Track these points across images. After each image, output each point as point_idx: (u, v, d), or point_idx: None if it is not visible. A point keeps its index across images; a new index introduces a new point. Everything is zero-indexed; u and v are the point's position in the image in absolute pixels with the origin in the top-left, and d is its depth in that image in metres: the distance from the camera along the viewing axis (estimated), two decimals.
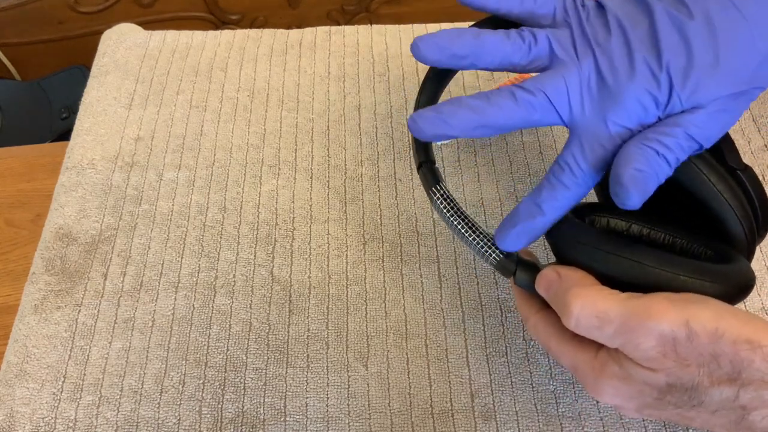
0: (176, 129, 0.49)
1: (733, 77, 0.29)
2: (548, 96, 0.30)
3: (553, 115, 0.30)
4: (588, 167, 0.30)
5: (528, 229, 0.31)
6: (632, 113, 0.29)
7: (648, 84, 0.29)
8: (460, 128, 0.30)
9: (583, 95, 0.30)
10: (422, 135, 0.31)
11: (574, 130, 0.30)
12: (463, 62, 0.31)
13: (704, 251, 0.31)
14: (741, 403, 0.26)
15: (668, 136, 0.29)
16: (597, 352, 0.29)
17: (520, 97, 0.30)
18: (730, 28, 0.28)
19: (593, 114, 0.30)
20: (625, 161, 0.28)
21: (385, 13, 1.17)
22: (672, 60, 0.29)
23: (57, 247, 0.44)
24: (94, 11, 1.09)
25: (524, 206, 0.31)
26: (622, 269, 0.28)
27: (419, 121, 0.31)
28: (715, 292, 0.28)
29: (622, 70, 0.29)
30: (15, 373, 0.39)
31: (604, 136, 0.29)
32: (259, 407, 0.37)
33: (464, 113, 0.30)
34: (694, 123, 0.29)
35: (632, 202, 0.28)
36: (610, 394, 0.29)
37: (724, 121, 0.29)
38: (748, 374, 0.26)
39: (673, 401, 0.27)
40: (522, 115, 0.30)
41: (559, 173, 0.30)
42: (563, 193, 0.30)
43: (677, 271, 0.28)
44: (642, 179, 0.28)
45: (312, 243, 0.43)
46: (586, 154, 0.30)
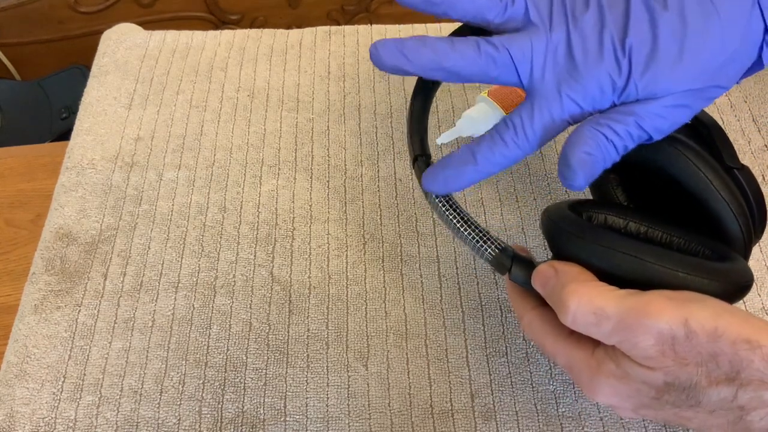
0: (176, 129, 0.49)
1: (695, 73, 0.29)
2: (511, 54, 0.30)
3: (513, 74, 0.30)
4: (531, 131, 0.30)
5: (458, 177, 0.31)
6: (589, 93, 0.29)
7: (611, 68, 0.29)
8: (419, 66, 0.30)
9: (546, 62, 0.30)
10: (381, 64, 0.31)
11: (530, 93, 0.31)
12: (436, 9, 0.31)
13: (701, 250, 0.31)
14: (739, 404, 0.26)
15: (619, 123, 0.29)
16: (593, 350, 0.29)
17: (484, 50, 0.30)
18: (701, 23, 0.29)
19: (551, 83, 0.30)
20: (575, 143, 0.29)
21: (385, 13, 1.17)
22: (635, 47, 0.29)
23: (57, 247, 0.44)
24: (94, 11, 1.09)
25: (460, 153, 0.32)
26: (620, 265, 0.28)
27: (381, 49, 0.31)
28: (714, 290, 0.27)
29: (591, 48, 0.29)
30: (15, 373, 0.39)
31: (555, 107, 0.30)
32: (259, 407, 0.37)
33: (425, 52, 0.30)
34: (647, 114, 0.29)
35: (578, 183, 0.29)
36: (607, 394, 0.28)
37: (678, 116, 0.30)
38: (747, 374, 0.25)
39: (670, 401, 0.27)
40: (481, 67, 0.30)
41: (503, 130, 0.31)
42: (501, 149, 0.31)
43: (676, 268, 0.28)
44: (590, 162, 0.29)
45: (312, 243, 0.43)
46: (534, 119, 0.30)
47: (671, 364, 0.26)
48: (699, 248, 0.31)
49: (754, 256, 0.42)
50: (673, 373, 0.26)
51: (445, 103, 0.50)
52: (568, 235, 0.30)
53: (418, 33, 0.55)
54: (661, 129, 0.30)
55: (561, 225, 0.31)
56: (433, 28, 0.56)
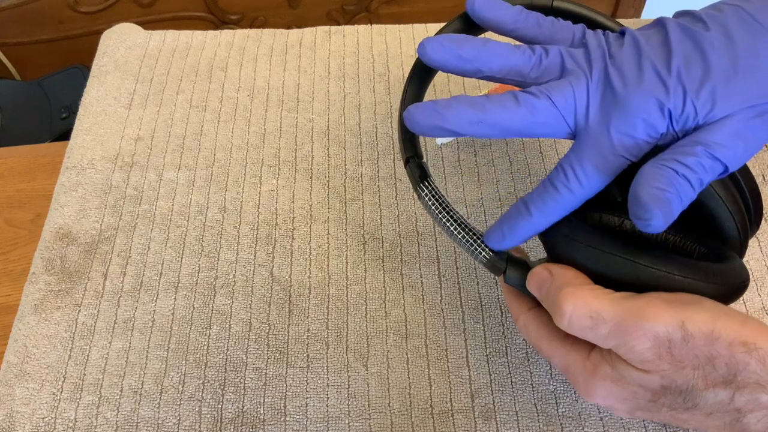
0: (176, 129, 0.49)
1: (755, 87, 0.27)
2: (553, 100, 0.29)
3: (558, 120, 0.29)
4: (582, 173, 0.29)
5: (514, 230, 0.30)
6: (637, 121, 0.28)
7: (655, 90, 0.28)
8: (456, 122, 0.29)
9: (589, 102, 0.29)
10: (417, 127, 0.30)
11: (578, 137, 0.29)
12: (469, 66, 0.30)
13: (697, 248, 0.31)
14: (736, 406, 0.26)
15: (687, 155, 0.27)
16: (589, 352, 0.29)
17: (522, 99, 0.29)
18: (749, 38, 0.27)
19: (597, 121, 0.29)
20: (643, 181, 0.26)
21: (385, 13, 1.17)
22: (684, 66, 0.27)
23: (57, 247, 0.43)
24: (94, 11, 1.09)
25: (515, 206, 0.30)
26: (615, 268, 0.28)
27: (414, 112, 0.30)
28: (710, 291, 0.27)
29: (630, 76, 0.28)
30: (15, 373, 0.39)
31: (605, 144, 0.28)
32: (259, 407, 0.37)
33: (462, 107, 0.29)
34: (716, 140, 0.27)
35: (656, 222, 0.25)
36: (603, 396, 0.28)
37: (749, 139, 0.27)
38: (744, 377, 0.25)
39: (667, 403, 0.27)
40: (522, 117, 0.29)
41: (554, 177, 0.29)
42: (553, 197, 0.29)
43: (672, 271, 0.27)
44: (665, 199, 0.26)
45: (312, 243, 0.43)
46: (584, 161, 0.28)
47: (668, 368, 0.26)
48: (695, 246, 0.31)
49: (754, 256, 0.42)
50: (669, 376, 0.26)
51: None
52: (563, 237, 0.30)
53: (418, 33, 0.55)
54: (735, 157, 0.27)
55: (556, 227, 0.30)
56: (433, 29, 0.56)
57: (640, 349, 0.26)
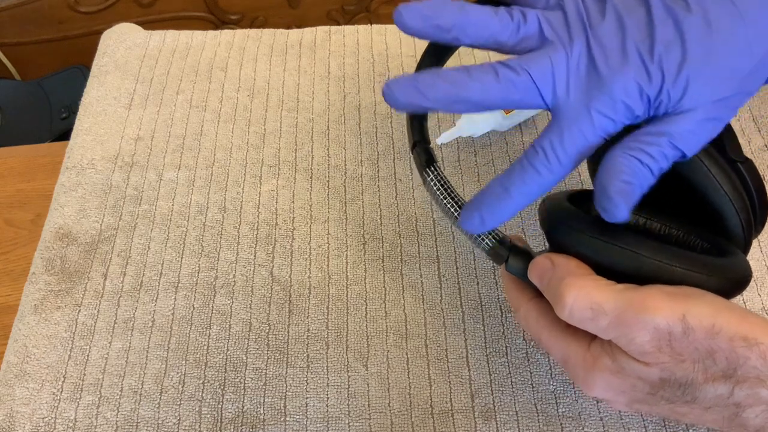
0: (176, 129, 0.49)
1: (725, 79, 0.28)
2: (532, 76, 0.28)
3: (536, 96, 0.29)
4: (564, 155, 0.28)
5: (494, 213, 0.30)
6: (618, 104, 0.28)
7: (638, 75, 0.28)
8: (437, 101, 0.29)
9: (569, 78, 0.28)
10: (396, 104, 0.29)
11: (556, 114, 0.29)
12: (446, 35, 0.29)
13: (701, 243, 0.31)
14: (735, 401, 0.26)
15: (653, 145, 0.28)
16: (589, 344, 0.29)
17: (503, 75, 0.28)
18: (727, 27, 0.27)
19: (577, 99, 0.28)
20: (611, 173, 0.27)
21: (385, 13, 1.17)
22: (665, 53, 0.27)
23: (57, 247, 0.43)
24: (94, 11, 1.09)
25: (491, 188, 0.30)
26: (617, 259, 0.28)
27: (394, 88, 0.29)
28: (711, 285, 0.27)
29: (614, 56, 0.28)
30: (15, 373, 0.39)
31: (585, 125, 0.28)
32: (259, 407, 0.37)
33: (442, 85, 0.28)
34: (680, 132, 0.28)
35: (621, 214, 0.27)
36: (602, 388, 0.28)
37: (709, 131, 0.28)
38: (744, 371, 0.25)
39: (665, 396, 0.27)
40: (502, 93, 0.28)
41: (533, 157, 0.29)
42: (533, 178, 0.29)
43: (674, 263, 0.27)
44: (629, 191, 0.27)
45: (312, 243, 0.43)
46: (564, 141, 0.28)
47: (667, 360, 0.26)
48: (698, 242, 0.31)
49: (754, 256, 0.42)
50: (669, 369, 0.26)
51: None
52: (566, 227, 0.30)
53: None
54: (695, 145, 0.28)
55: (559, 217, 0.30)
56: None
57: (640, 341, 0.26)
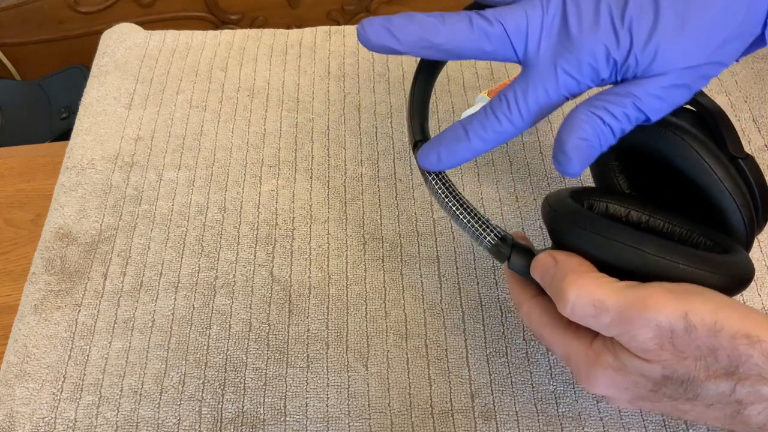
0: (176, 129, 0.49)
1: (697, 48, 0.28)
2: (506, 29, 0.29)
3: (508, 48, 0.29)
4: (525, 107, 0.29)
5: (451, 153, 0.30)
6: (584, 65, 0.28)
7: (607, 38, 0.28)
8: (408, 44, 0.29)
9: (542, 35, 0.29)
10: (368, 44, 0.30)
11: (525, 68, 0.30)
12: None
13: (703, 240, 0.31)
14: (737, 398, 0.26)
15: (616, 105, 0.28)
16: (592, 341, 0.29)
17: (477, 24, 0.29)
18: None
19: (546, 57, 0.29)
20: (570, 128, 0.28)
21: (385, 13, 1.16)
22: (636, 18, 0.28)
23: (57, 247, 0.44)
24: (94, 11, 1.09)
25: (452, 130, 0.31)
26: (620, 256, 0.28)
27: (368, 29, 0.29)
28: (714, 282, 0.27)
29: (587, 18, 0.28)
30: (15, 373, 0.39)
31: (550, 82, 0.29)
32: (259, 407, 0.37)
33: (414, 29, 0.29)
34: (646, 95, 0.28)
35: (573, 170, 0.28)
36: (604, 385, 0.28)
37: (677, 96, 0.29)
38: (746, 369, 0.25)
39: (668, 394, 0.27)
40: (475, 43, 0.29)
41: (496, 106, 0.30)
42: (493, 125, 0.30)
43: (676, 260, 0.27)
44: (586, 148, 0.28)
45: (312, 243, 0.43)
46: (528, 95, 0.29)
47: (670, 358, 0.26)
48: (700, 239, 0.31)
49: (754, 255, 0.42)
50: (671, 366, 0.26)
51: (445, 103, 0.50)
52: (569, 224, 0.30)
53: None
54: (660, 110, 0.29)
55: (561, 214, 0.30)
56: None
57: (642, 339, 0.26)
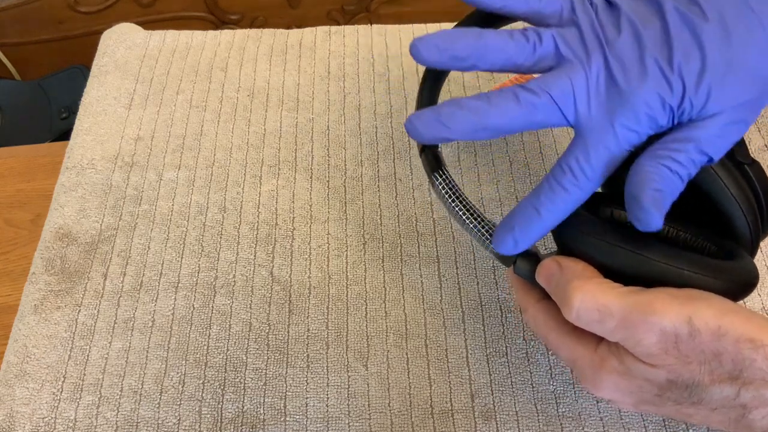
0: (176, 129, 0.49)
1: (746, 83, 0.28)
2: (553, 97, 0.28)
3: (558, 116, 0.29)
4: (591, 171, 0.29)
5: (525, 234, 0.30)
6: (641, 116, 0.28)
7: (659, 86, 0.28)
8: (460, 131, 0.29)
9: (590, 96, 0.29)
10: (420, 138, 0.30)
11: (579, 132, 0.29)
12: (463, 64, 0.30)
13: (708, 246, 0.31)
14: (741, 402, 0.26)
15: (680, 152, 0.28)
16: (597, 345, 0.29)
17: (523, 99, 0.29)
18: (745, 31, 0.27)
19: (600, 116, 0.29)
20: (641, 182, 0.27)
21: (385, 13, 1.17)
22: (684, 62, 0.28)
23: (57, 247, 0.44)
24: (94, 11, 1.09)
25: (522, 210, 0.30)
26: (624, 261, 0.28)
27: (417, 123, 0.29)
28: (718, 288, 0.27)
29: (633, 70, 0.28)
30: (15, 373, 0.39)
31: (610, 139, 0.28)
32: (259, 407, 0.37)
33: (464, 116, 0.29)
34: (706, 137, 0.28)
35: (655, 223, 0.27)
36: (609, 389, 0.28)
37: (734, 133, 0.29)
38: (750, 373, 0.25)
39: (672, 398, 0.27)
40: (525, 117, 0.29)
41: (560, 176, 0.29)
42: (563, 197, 0.29)
43: (681, 266, 0.27)
44: (661, 199, 0.27)
45: (312, 243, 0.43)
46: (591, 158, 0.28)
47: (674, 362, 0.26)
48: (705, 244, 0.31)
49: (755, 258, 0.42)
50: (675, 370, 0.26)
51: None
52: (573, 230, 0.30)
53: (418, 33, 0.55)
54: (721, 149, 0.28)
55: (567, 219, 0.30)
56: (433, 29, 0.55)
57: (646, 344, 0.26)
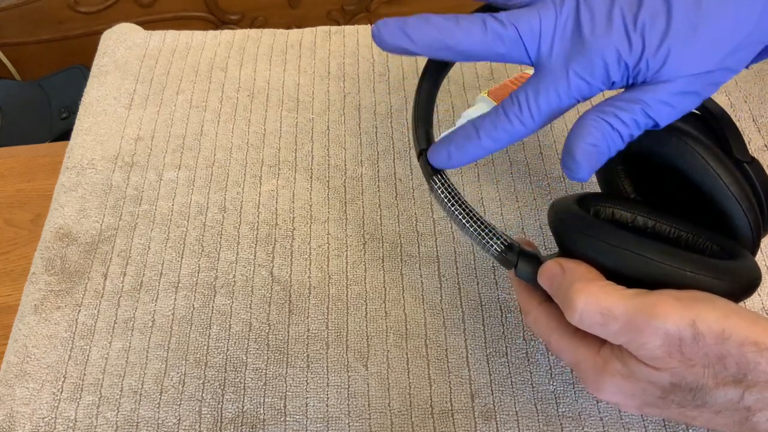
0: (176, 129, 0.49)
1: (707, 55, 0.28)
2: (519, 31, 0.29)
3: (521, 51, 0.29)
4: (536, 108, 0.29)
5: (461, 150, 0.31)
6: (596, 68, 0.28)
7: (619, 42, 0.28)
8: (423, 45, 0.29)
9: (554, 38, 0.29)
10: (383, 45, 0.30)
11: (537, 69, 0.30)
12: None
13: (709, 246, 0.31)
14: (745, 405, 0.26)
15: (625, 111, 0.28)
16: (599, 348, 0.29)
17: (491, 27, 0.29)
18: (716, 4, 0.28)
19: (559, 59, 0.29)
20: (579, 133, 0.28)
21: (385, 13, 1.17)
22: (649, 22, 0.28)
23: (57, 247, 0.43)
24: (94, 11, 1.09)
25: (464, 128, 0.31)
26: (627, 263, 0.28)
27: (383, 29, 0.30)
28: (721, 289, 0.27)
29: (599, 22, 0.28)
30: (15, 373, 0.39)
31: (561, 84, 0.29)
32: (259, 407, 0.37)
33: (429, 30, 0.29)
34: (655, 101, 0.28)
35: (581, 175, 0.28)
36: (612, 392, 0.28)
37: (686, 103, 0.29)
38: (754, 376, 0.25)
39: (676, 401, 0.27)
40: (488, 45, 0.29)
41: (508, 106, 0.30)
42: (504, 125, 0.30)
43: (683, 267, 0.27)
44: (595, 153, 0.28)
45: (312, 243, 0.43)
46: (540, 96, 0.29)
47: (678, 365, 0.26)
48: (707, 244, 0.31)
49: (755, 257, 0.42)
50: (679, 373, 0.26)
51: (445, 103, 0.50)
52: (575, 231, 0.30)
53: None
54: (669, 116, 0.29)
55: (568, 221, 0.30)
56: None
57: (650, 347, 0.26)
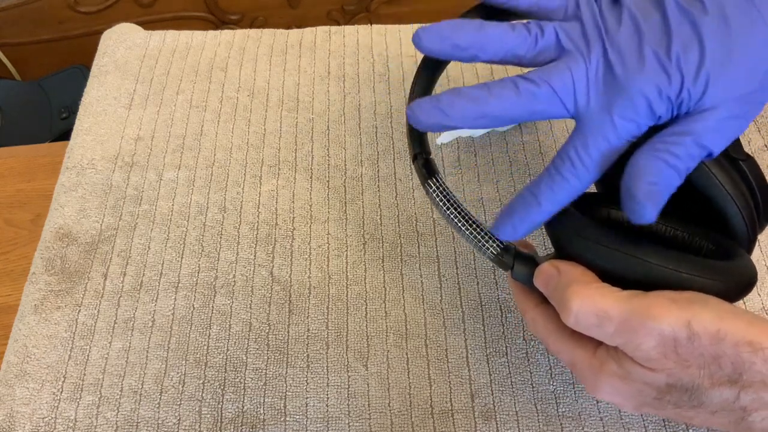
0: (176, 129, 0.49)
1: (745, 77, 0.28)
2: (553, 87, 0.29)
3: (558, 106, 0.29)
4: (590, 161, 0.29)
5: (524, 221, 0.30)
6: (639, 106, 0.28)
7: (657, 76, 0.28)
8: (459, 118, 0.29)
9: (589, 87, 0.29)
10: (420, 125, 0.30)
11: (579, 122, 0.29)
12: (464, 54, 0.30)
13: (705, 245, 0.31)
14: (741, 405, 0.26)
15: (678, 145, 0.28)
16: (596, 349, 0.29)
17: (523, 88, 0.29)
18: (745, 24, 0.28)
19: (599, 106, 0.29)
20: (636, 175, 0.27)
21: (385, 13, 1.17)
22: (682, 53, 0.28)
23: (57, 247, 0.44)
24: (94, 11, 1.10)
25: (522, 197, 0.30)
26: (622, 265, 0.28)
27: (417, 110, 0.30)
28: (717, 290, 0.27)
29: (631, 61, 0.28)
30: (15, 373, 0.39)
31: (609, 130, 0.29)
32: (259, 407, 0.37)
33: (463, 103, 0.29)
34: (705, 130, 0.28)
35: (648, 216, 0.27)
36: (609, 393, 0.28)
37: (734, 128, 0.28)
38: (749, 376, 0.25)
39: (672, 401, 0.27)
40: (524, 107, 0.29)
41: (560, 165, 0.29)
42: (562, 186, 0.29)
43: (679, 268, 0.27)
44: (656, 192, 0.27)
45: (312, 243, 0.43)
46: (589, 148, 0.29)
47: (673, 366, 0.26)
48: (702, 243, 0.31)
49: (754, 256, 0.42)
50: (675, 374, 0.26)
51: None
52: (571, 233, 0.30)
53: None
54: (720, 144, 0.28)
55: (563, 223, 0.30)
56: None
57: (646, 348, 0.26)
